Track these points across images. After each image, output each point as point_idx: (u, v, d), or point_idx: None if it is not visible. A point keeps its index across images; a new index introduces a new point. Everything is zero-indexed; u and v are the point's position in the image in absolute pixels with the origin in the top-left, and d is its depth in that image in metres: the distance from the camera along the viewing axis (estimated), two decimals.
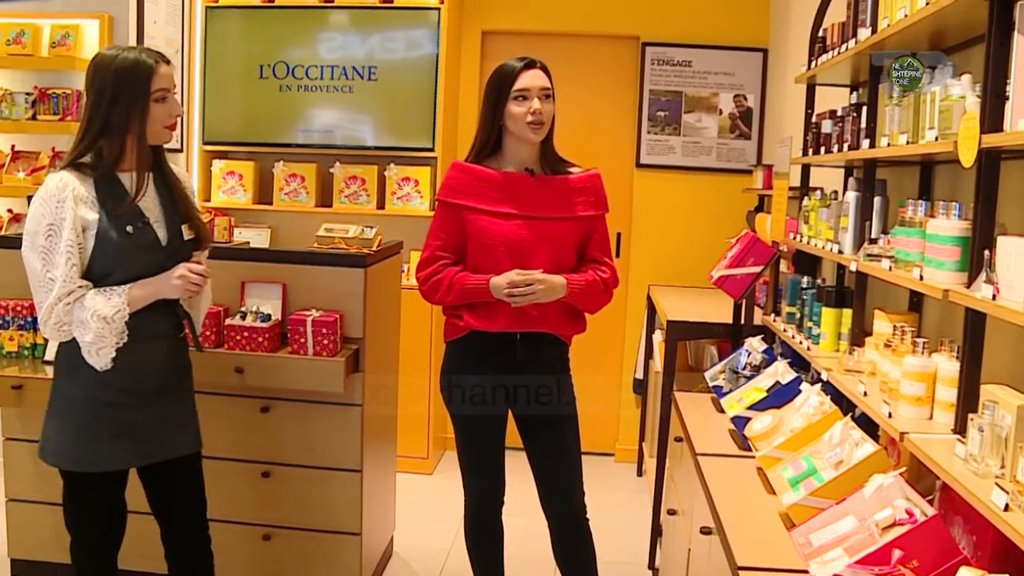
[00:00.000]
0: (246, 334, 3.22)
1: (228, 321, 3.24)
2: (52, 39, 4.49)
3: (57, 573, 3.43)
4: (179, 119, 2.60)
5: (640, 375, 5.39)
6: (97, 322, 2.42)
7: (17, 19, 4.52)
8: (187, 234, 2.61)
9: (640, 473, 5.30)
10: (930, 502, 1.87)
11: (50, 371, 3.21)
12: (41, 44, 4.50)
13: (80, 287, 2.43)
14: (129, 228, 2.47)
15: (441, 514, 4.44)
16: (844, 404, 2.48)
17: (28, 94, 4.47)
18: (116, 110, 2.43)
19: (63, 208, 2.37)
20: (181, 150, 4.95)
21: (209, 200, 5.27)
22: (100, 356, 2.47)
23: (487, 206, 2.76)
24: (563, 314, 2.81)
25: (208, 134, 5.25)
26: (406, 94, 5.07)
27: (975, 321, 1.90)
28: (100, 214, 2.44)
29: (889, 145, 2.37)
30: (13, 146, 4.57)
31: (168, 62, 2.52)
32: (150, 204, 2.55)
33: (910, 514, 1.76)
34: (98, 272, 2.46)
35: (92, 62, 2.48)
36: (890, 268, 2.26)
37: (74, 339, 2.47)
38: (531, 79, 2.73)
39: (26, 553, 3.58)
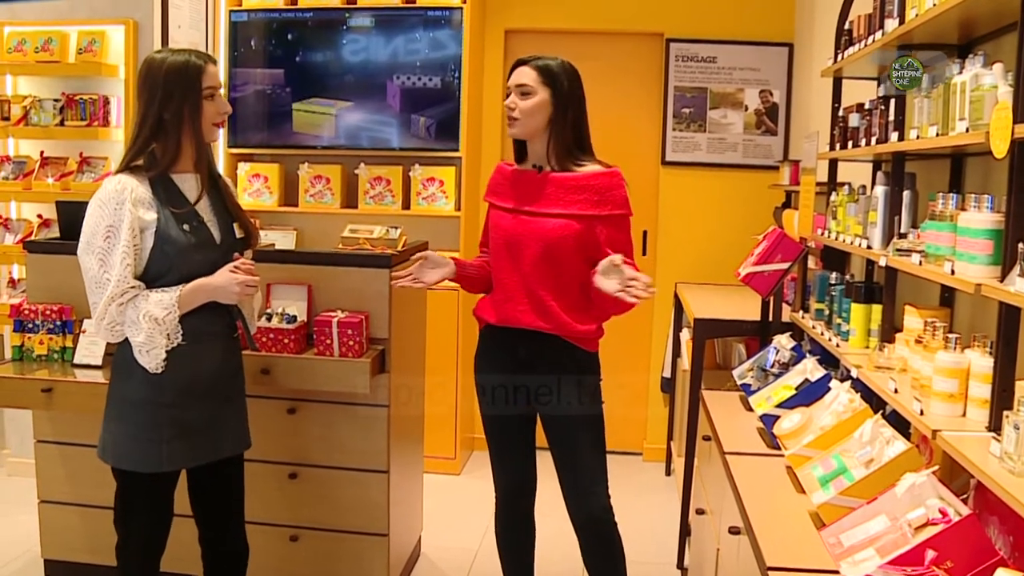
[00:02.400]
0: (272, 336, 3.22)
1: None
2: (79, 45, 4.51)
3: (89, 574, 3.47)
4: (226, 117, 2.65)
5: (668, 373, 5.36)
6: (148, 323, 2.46)
7: (45, 27, 4.56)
8: (238, 232, 2.68)
9: (668, 472, 5.26)
10: (964, 501, 1.83)
11: (80, 374, 3.27)
12: (68, 51, 4.53)
13: (133, 287, 2.47)
14: (186, 227, 2.53)
15: (469, 514, 4.43)
16: (874, 401, 2.45)
17: (56, 100, 4.51)
18: (169, 108, 2.49)
19: (121, 210, 2.44)
20: None
21: None
22: (151, 356, 2.50)
23: (499, 201, 2.85)
24: (559, 311, 2.70)
25: (233, 137, 5.28)
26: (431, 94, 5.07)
27: (1009, 316, 1.86)
28: (159, 214, 2.49)
29: (918, 137, 2.33)
30: (42, 152, 4.61)
31: (215, 62, 2.60)
32: (203, 204, 2.61)
33: (943, 513, 1.73)
34: (155, 271, 2.51)
35: (142, 65, 2.56)
36: (920, 263, 2.23)
37: (128, 341, 2.51)
38: (513, 78, 2.77)
39: (58, 554, 3.61)
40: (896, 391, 2.24)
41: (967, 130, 2.01)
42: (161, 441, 2.54)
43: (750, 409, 3.00)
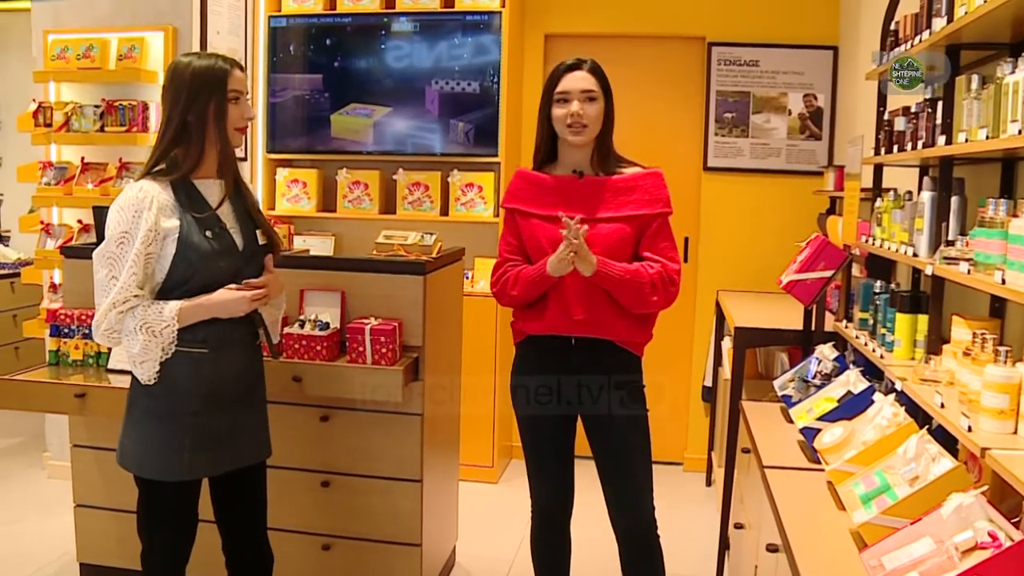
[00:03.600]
0: (304, 342, 3.20)
1: (286, 330, 3.23)
2: (119, 52, 4.55)
3: None
4: (249, 123, 2.62)
5: (709, 382, 5.27)
6: (144, 334, 2.43)
7: (87, 34, 4.60)
8: (261, 240, 2.65)
9: (709, 483, 5.17)
10: (1015, 524, 1.73)
11: (114, 379, 3.28)
12: (109, 57, 4.57)
13: (136, 296, 2.44)
14: (208, 233, 2.50)
15: (505, 524, 4.38)
16: (920, 416, 2.35)
17: (96, 106, 4.54)
18: (193, 111, 2.48)
19: (139, 218, 2.41)
20: (245, 159, 4.98)
21: (274, 208, 5.31)
22: (143, 369, 2.48)
23: (538, 210, 2.75)
24: (615, 316, 2.70)
25: (272, 143, 5.29)
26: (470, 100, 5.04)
27: None
28: (181, 220, 2.47)
29: (967, 141, 2.25)
30: (83, 158, 4.65)
31: (242, 68, 2.58)
32: (225, 210, 2.58)
33: (993, 537, 1.64)
34: (177, 278, 2.48)
35: (168, 69, 2.54)
36: (969, 271, 2.14)
37: None
38: (572, 81, 2.69)
39: (94, 558, 3.63)
40: (943, 406, 2.15)
41: (1020, 132, 1.93)
42: (183, 450, 2.51)
43: (791, 421, 2.91)
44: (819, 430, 2.61)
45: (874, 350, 2.83)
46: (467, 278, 4.77)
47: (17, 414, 4.71)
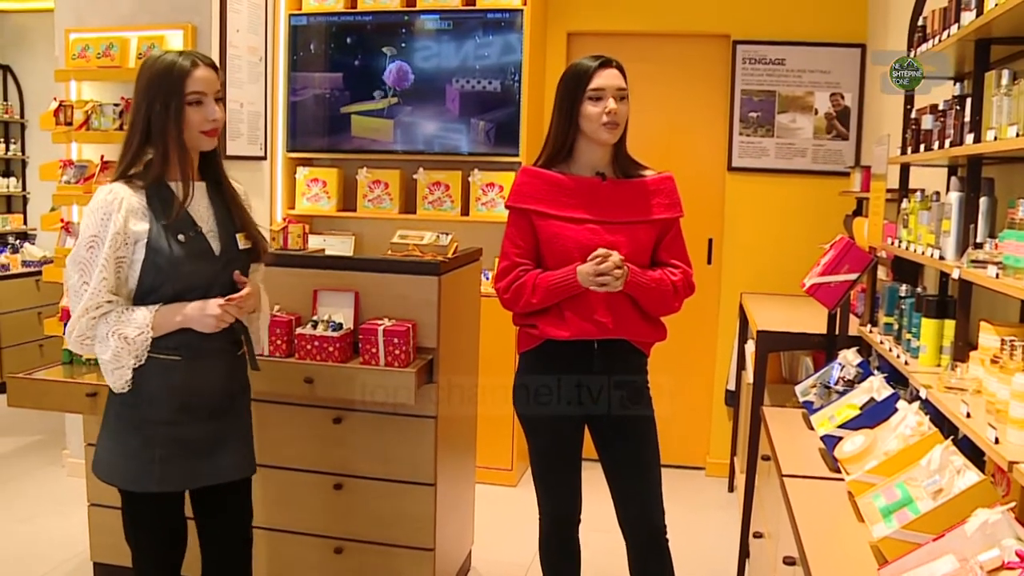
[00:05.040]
0: (317, 343, 3.16)
1: (299, 330, 3.19)
2: (139, 51, 4.55)
3: None
4: (219, 126, 2.45)
5: (732, 386, 5.18)
6: (117, 341, 2.34)
7: (107, 33, 4.60)
8: (242, 243, 2.52)
9: (731, 489, 5.09)
10: None
11: None
12: (128, 56, 4.57)
13: (109, 302, 2.35)
14: (181, 237, 2.38)
15: (522, 528, 4.31)
16: (945, 426, 2.26)
17: (116, 105, 4.54)
18: (153, 113, 2.36)
19: (108, 222, 2.31)
20: (265, 158, 4.97)
21: (293, 208, 5.29)
22: (115, 376, 2.39)
23: (558, 211, 2.67)
24: (639, 319, 2.68)
25: (292, 142, 5.26)
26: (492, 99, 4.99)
27: None
28: (151, 224, 2.36)
29: (996, 139, 2.16)
30: (102, 156, 4.65)
31: (211, 66, 2.42)
32: (203, 213, 2.47)
33: (1021, 557, 1.56)
34: (148, 284, 2.38)
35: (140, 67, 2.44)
36: (998, 275, 2.06)
37: None
38: (607, 78, 2.62)
39: (107, 557, 3.61)
40: (969, 415, 2.06)
41: None
42: (152, 461, 2.41)
43: (812, 428, 2.83)
44: (840, 438, 2.54)
45: (899, 356, 2.74)
46: (486, 278, 4.71)
47: (37, 411, 4.72)
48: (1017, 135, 2.05)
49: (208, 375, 2.48)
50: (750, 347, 4.60)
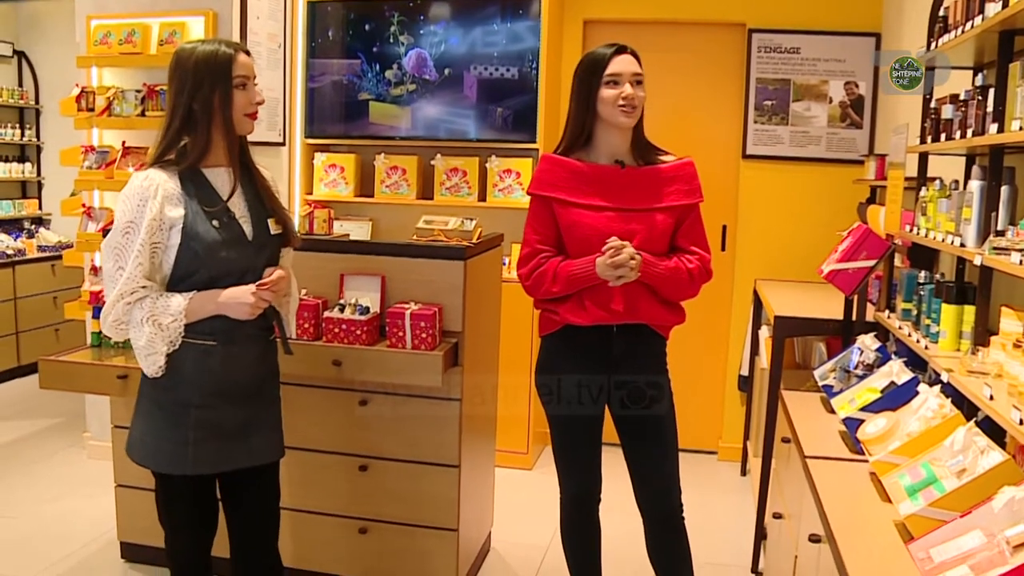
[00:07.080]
0: (344, 327, 3.22)
1: (326, 314, 3.25)
2: (160, 37, 4.59)
3: (162, 557, 3.50)
4: (259, 108, 2.53)
5: (745, 372, 5.24)
6: (150, 327, 2.38)
7: (129, 19, 4.64)
8: (273, 229, 2.56)
9: (744, 473, 5.15)
10: None
11: None
12: (150, 42, 4.61)
13: (143, 287, 2.38)
14: (215, 223, 2.42)
15: (540, 510, 4.39)
16: (965, 408, 2.32)
17: (137, 91, 4.58)
18: (198, 99, 2.41)
19: (144, 208, 2.35)
20: (284, 144, 5.01)
21: (311, 193, 5.34)
22: (149, 362, 2.43)
23: (578, 199, 2.72)
24: (657, 303, 2.74)
25: (310, 128, 5.31)
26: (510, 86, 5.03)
27: None
28: (187, 210, 2.40)
29: (1021, 129, 2.20)
30: (124, 142, 4.69)
31: (247, 52, 2.50)
32: (235, 199, 2.50)
33: None
34: (184, 269, 2.42)
35: (172, 57, 2.47)
36: (1021, 262, 2.10)
37: None
38: (623, 64, 2.68)
39: (133, 537, 3.69)
40: (992, 398, 2.12)
41: None
42: (187, 443, 2.46)
43: (831, 411, 2.88)
44: (862, 420, 2.59)
45: (918, 341, 2.79)
46: (504, 264, 4.76)
47: (58, 394, 4.79)
48: None
49: (242, 360, 2.53)
50: (764, 333, 4.66)
